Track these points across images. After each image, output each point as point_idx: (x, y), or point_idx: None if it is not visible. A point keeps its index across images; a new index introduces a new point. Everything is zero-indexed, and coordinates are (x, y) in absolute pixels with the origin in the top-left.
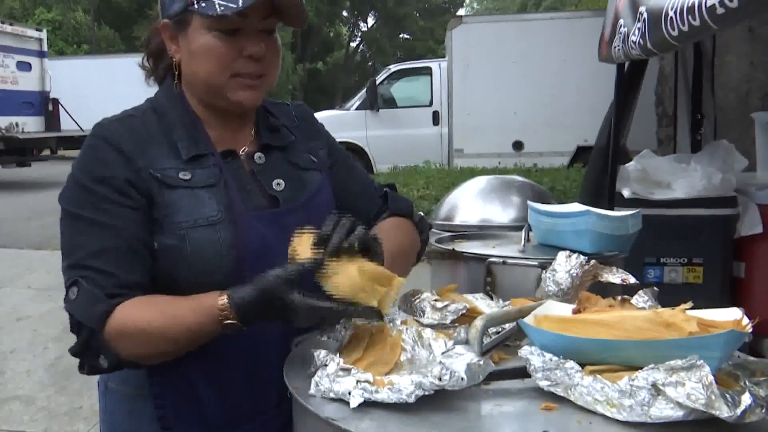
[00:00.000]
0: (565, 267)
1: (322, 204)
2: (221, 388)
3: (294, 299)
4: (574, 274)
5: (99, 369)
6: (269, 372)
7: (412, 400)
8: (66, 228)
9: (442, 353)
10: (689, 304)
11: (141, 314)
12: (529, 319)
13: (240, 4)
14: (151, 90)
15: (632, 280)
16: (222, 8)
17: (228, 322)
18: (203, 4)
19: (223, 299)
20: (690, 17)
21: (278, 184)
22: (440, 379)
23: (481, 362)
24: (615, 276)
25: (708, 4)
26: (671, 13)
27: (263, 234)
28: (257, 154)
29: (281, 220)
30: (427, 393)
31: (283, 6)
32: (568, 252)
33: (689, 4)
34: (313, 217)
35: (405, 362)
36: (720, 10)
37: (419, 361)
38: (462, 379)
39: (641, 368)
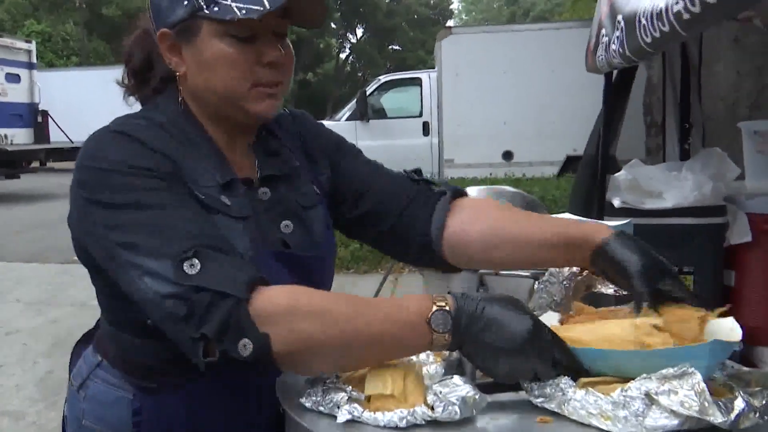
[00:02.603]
0: (558, 278)
1: (330, 244)
2: (211, 414)
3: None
4: (567, 285)
5: (235, 358)
6: (263, 392)
7: (403, 425)
8: (129, 217)
9: (438, 381)
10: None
11: (316, 295)
12: None
13: (267, 6)
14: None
15: (625, 290)
16: (243, 12)
17: (439, 323)
18: (216, 9)
19: (444, 300)
20: (659, 23)
21: (286, 226)
22: (432, 410)
23: (477, 396)
24: (608, 287)
25: (674, 10)
26: (643, 20)
27: (281, 277)
28: (261, 190)
29: (298, 261)
30: (418, 423)
31: (302, 4)
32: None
33: (658, 10)
34: (326, 261)
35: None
36: (685, 16)
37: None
38: (456, 412)
39: (632, 378)
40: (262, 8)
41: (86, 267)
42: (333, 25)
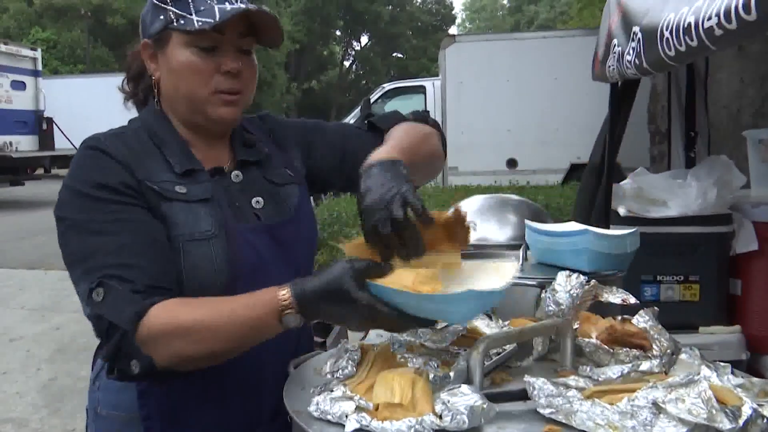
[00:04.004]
0: (565, 287)
1: (305, 217)
2: (214, 404)
3: (360, 296)
4: (575, 294)
5: (129, 375)
6: (264, 387)
7: None
8: (72, 238)
9: (446, 390)
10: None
11: (185, 312)
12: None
13: (217, 18)
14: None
15: (632, 300)
16: (200, 24)
17: (288, 312)
18: (182, 22)
19: (284, 291)
20: (687, 37)
21: (258, 202)
22: (441, 419)
23: (485, 405)
24: (615, 296)
25: (705, 26)
26: (666, 33)
27: (257, 249)
28: (234, 173)
29: (273, 234)
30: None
31: (260, 24)
32: (568, 272)
33: (685, 25)
34: (300, 230)
35: None
36: (718, 32)
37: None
38: (464, 421)
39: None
40: (213, 21)
41: None
42: (338, 33)
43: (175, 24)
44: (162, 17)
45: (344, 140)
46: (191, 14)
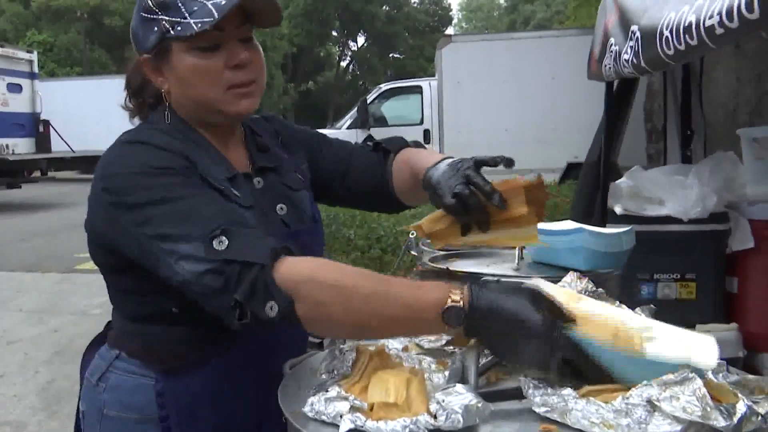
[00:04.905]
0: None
1: (318, 221)
2: (227, 402)
3: (543, 332)
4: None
5: (264, 320)
6: (272, 384)
7: None
8: (154, 213)
9: (441, 390)
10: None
11: (338, 270)
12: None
13: (215, 15)
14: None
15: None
16: (199, 25)
17: (454, 308)
18: (179, 28)
19: (457, 290)
20: (687, 36)
21: (281, 208)
22: (435, 418)
23: (480, 404)
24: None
25: (706, 24)
26: (666, 33)
27: None
28: (255, 179)
29: (298, 237)
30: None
31: (256, 9)
32: (578, 273)
33: (686, 24)
34: (317, 234)
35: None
36: (719, 31)
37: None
38: (459, 421)
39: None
40: (212, 19)
41: (104, 269)
42: (334, 33)
43: (172, 32)
44: (156, 28)
45: (349, 154)
46: (186, 18)
